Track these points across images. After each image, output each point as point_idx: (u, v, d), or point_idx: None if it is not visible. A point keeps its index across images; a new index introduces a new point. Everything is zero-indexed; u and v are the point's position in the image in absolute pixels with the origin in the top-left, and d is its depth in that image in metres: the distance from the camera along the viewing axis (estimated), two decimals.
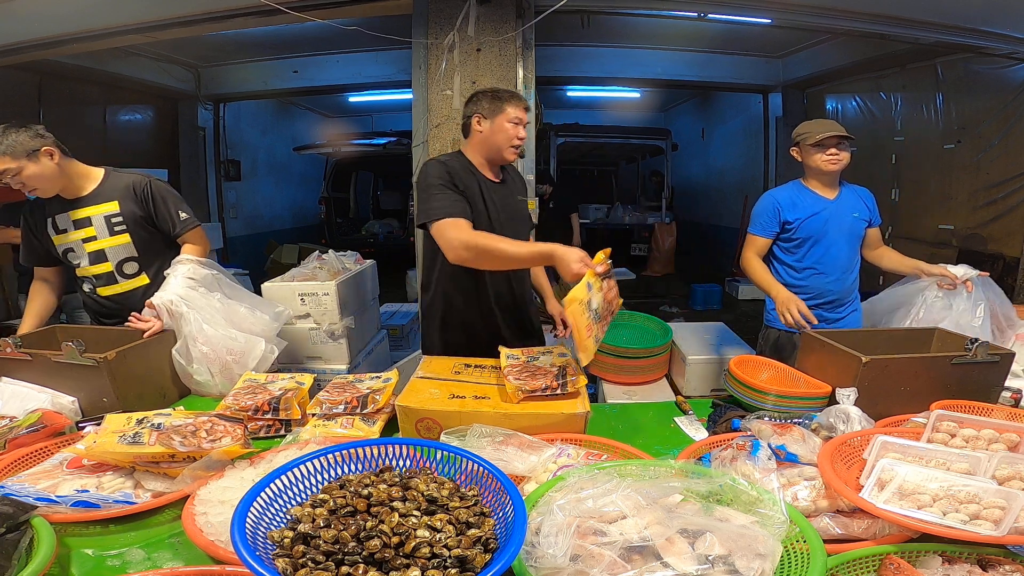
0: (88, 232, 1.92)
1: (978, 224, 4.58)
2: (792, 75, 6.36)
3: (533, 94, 2.82)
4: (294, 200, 9.41)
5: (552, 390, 1.35)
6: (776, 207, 2.12)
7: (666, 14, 3.81)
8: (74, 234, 1.92)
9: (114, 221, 1.93)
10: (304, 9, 2.85)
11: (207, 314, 1.79)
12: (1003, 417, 1.32)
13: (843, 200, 2.13)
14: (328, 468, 0.90)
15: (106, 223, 1.92)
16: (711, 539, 0.79)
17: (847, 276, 2.15)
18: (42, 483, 1.10)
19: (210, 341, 1.75)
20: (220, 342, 1.76)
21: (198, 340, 1.74)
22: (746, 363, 1.72)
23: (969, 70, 4.51)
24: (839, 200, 2.12)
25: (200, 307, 1.79)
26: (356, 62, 6.07)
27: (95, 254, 1.94)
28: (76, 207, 1.92)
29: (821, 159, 2.06)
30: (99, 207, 1.92)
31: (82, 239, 1.92)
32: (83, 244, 1.93)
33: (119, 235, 1.93)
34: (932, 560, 0.89)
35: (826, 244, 2.10)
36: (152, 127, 6.47)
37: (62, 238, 1.94)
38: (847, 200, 2.14)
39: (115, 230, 1.93)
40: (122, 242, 1.94)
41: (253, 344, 1.82)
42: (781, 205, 2.12)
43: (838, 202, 2.12)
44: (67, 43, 3.55)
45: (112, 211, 1.93)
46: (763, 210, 2.16)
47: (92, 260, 1.94)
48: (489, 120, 1.80)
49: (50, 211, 1.93)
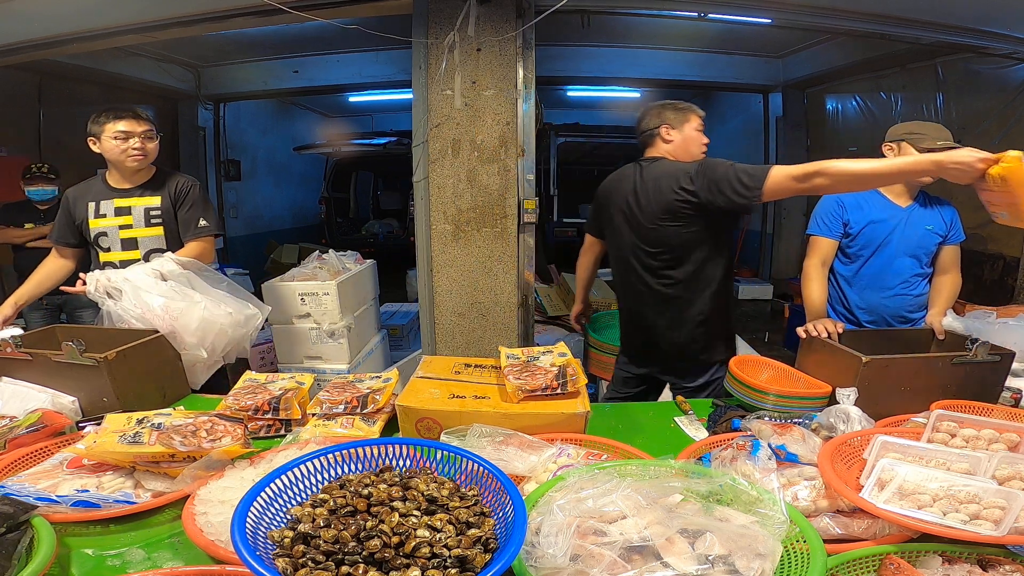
0: (126, 220, 2.03)
1: (978, 224, 4.55)
2: (792, 75, 6.35)
3: (533, 94, 2.82)
4: (294, 200, 9.40)
5: (552, 390, 1.35)
6: (839, 204, 1.98)
7: (666, 14, 3.81)
8: (112, 220, 2.02)
9: (152, 214, 2.04)
10: (304, 9, 2.85)
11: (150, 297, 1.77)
12: (1003, 417, 1.32)
13: (917, 210, 1.96)
14: (328, 468, 0.90)
15: (144, 214, 2.03)
16: (711, 539, 0.79)
17: (908, 291, 1.99)
18: (42, 483, 1.10)
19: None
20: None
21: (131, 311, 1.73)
22: (746, 363, 1.72)
23: (969, 70, 4.51)
24: (912, 210, 1.96)
25: (130, 293, 1.76)
26: (356, 62, 6.07)
27: (128, 241, 2.03)
28: (122, 196, 2.03)
29: None
30: (144, 199, 2.04)
31: (119, 226, 2.03)
32: (119, 231, 2.03)
33: (154, 227, 2.04)
34: (932, 560, 0.89)
35: (887, 256, 1.96)
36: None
37: (99, 222, 2.03)
38: (921, 211, 1.96)
39: (152, 222, 2.04)
40: (155, 234, 2.04)
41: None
42: (845, 204, 1.98)
43: (910, 211, 1.95)
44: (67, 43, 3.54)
45: (154, 205, 2.04)
46: (824, 207, 2.01)
47: (124, 247, 2.03)
48: (678, 130, 1.89)
49: (95, 195, 2.05)
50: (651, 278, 1.89)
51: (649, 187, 1.83)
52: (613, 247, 2.05)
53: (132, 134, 1.96)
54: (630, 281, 1.96)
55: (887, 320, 2.03)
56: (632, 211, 1.89)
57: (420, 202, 2.91)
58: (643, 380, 2.07)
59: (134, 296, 1.73)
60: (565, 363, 1.50)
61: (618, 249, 2.00)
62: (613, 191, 1.99)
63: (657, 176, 1.83)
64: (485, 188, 2.82)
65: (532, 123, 2.82)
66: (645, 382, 2.07)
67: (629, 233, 1.92)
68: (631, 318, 2.04)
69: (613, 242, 2.04)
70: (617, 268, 2.04)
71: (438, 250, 2.87)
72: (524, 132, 2.80)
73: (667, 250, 1.84)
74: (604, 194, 2.05)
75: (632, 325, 2.05)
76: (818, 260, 2.00)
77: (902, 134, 1.95)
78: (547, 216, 7.97)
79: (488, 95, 2.75)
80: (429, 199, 2.84)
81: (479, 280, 2.88)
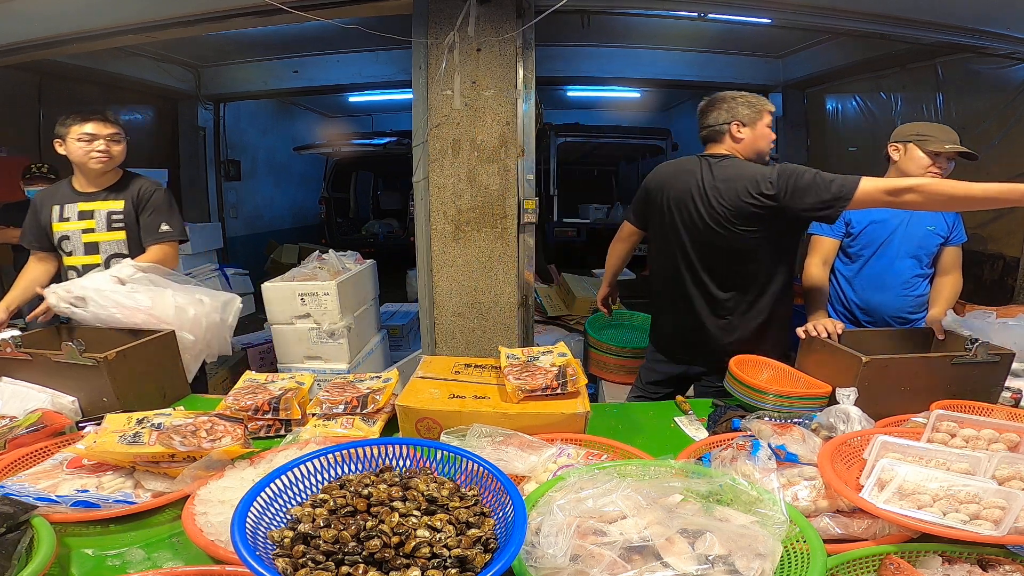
0: (89, 224, 2.02)
1: (978, 224, 4.57)
2: (792, 75, 6.35)
3: (533, 94, 2.82)
4: (294, 200, 9.40)
5: (552, 390, 1.35)
6: None
7: (666, 14, 3.81)
8: (75, 224, 2.02)
9: (115, 217, 2.02)
10: (304, 9, 2.85)
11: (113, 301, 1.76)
12: (1003, 417, 1.31)
13: (919, 211, 1.95)
14: (328, 468, 0.90)
15: (107, 218, 2.02)
16: (711, 539, 0.79)
17: (909, 292, 1.99)
18: (42, 483, 1.10)
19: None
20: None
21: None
22: (746, 363, 1.72)
23: (969, 70, 4.51)
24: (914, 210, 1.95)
25: (95, 299, 1.75)
26: (356, 62, 6.07)
27: (90, 245, 2.02)
28: (86, 199, 2.03)
29: (927, 169, 1.86)
30: (106, 203, 2.03)
31: (81, 230, 2.02)
32: (81, 235, 2.02)
33: (116, 231, 2.03)
34: (932, 560, 0.89)
35: (889, 256, 1.96)
36: (152, 127, 6.47)
37: (63, 226, 2.03)
38: (924, 212, 1.96)
39: (114, 226, 2.02)
40: (117, 238, 2.03)
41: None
42: None
43: (912, 212, 1.95)
44: (67, 43, 3.54)
45: (116, 209, 2.03)
46: None
47: (86, 251, 2.02)
48: (750, 127, 1.82)
49: (60, 198, 2.04)
50: (708, 278, 1.83)
51: (720, 187, 1.75)
52: (660, 241, 1.96)
53: (97, 136, 1.95)
54: (679, 278, 1.89)
55: (887, 320, 2.02)
56: (694, 209, 1.81)
57: (420, 202, 2.91)
58: (676, 381, 2.01)
59: (100, 299, 1.72)
60: (565, 363, 1.50)
61: (666, 244, 1.91)
62: (669, 184, 1.90)
63: (730, 177, 1.75)
64: (485, 188, 2.82)
65: (532, 123, 2.82)
66: (675, 383, 2.01)
67: (686, 231, 1.85)
68: (675, 316, 1.95)
69: (661, 236, 1.95)
70: (662, 263, 1.96)
71: (438, 250, 2.87)
72: (524, 132, 2.80)
73: (731, 252, 1.78)
74: (657, 185, 1.95)
75: (674, 322, 1.97)
76: (819, 259, 1.99)
77: (909, 135, 1.93)
78: (547, 216, 7.97)
79: (488, 95, 2.75)
80: (429, 199, 2.84)
81: (479, 280, 2.88)
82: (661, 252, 1.96)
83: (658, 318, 2.05)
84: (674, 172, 1.91)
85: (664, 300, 2.00)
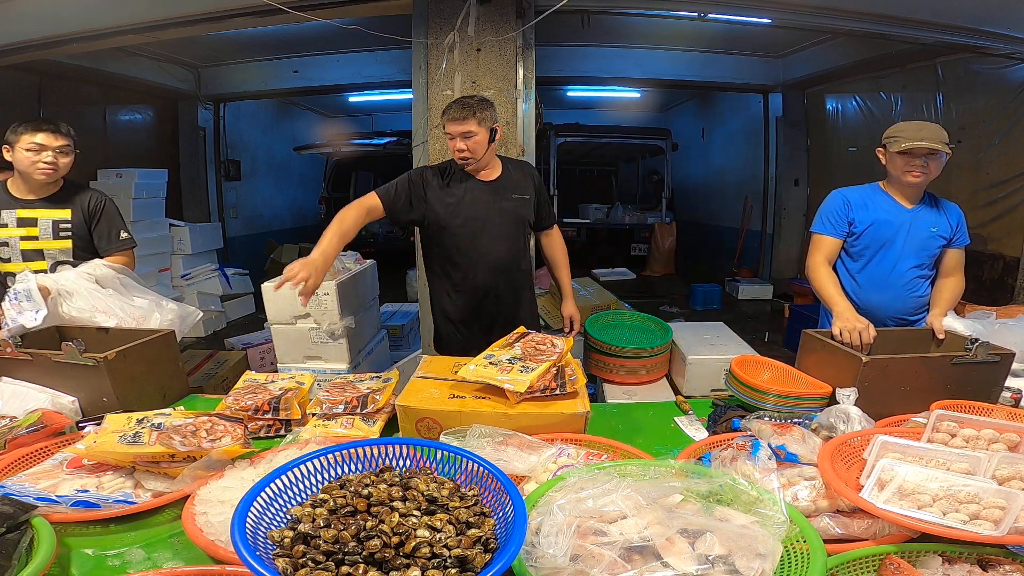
0: (30, 231, 2.01)
1: (978, 224, 4.57)
2: (792, 75, 6.36)
3: (533, 94, 2.82)
4: (294, 200, 9.40)
5: (551, 390, 1.35)
6: (845, 203, 1.95)
7: (666, 14, 3.82)
8: (14, 230, 2.01)
9: (62, 227, 2.04)
10: (304, 9, 2.86)
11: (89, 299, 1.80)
12: (1003, 417, 1.31)
13: (922, 212, 1.94)
14: (328, 468, 0.90)
15: (53, 227, 2.03)
16: (711, 539, 0.79)
17: (910, 293, 1.97)
18: (42, 483, 1.10)
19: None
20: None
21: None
22: (747, 363, 1.72)
23: (969, 70, 4.51)
24: (917, 211, 1.93)
25: (83, 293, 1.79)
26: (356, 62, 6.07)
27: (31, 252, 2.02)
28: (26, 207, 2.02)
29: (903, 170, 1.85)
30: (51, 211, 2.03)
31: (20, 236, 2.01)
32: (20, 241, 2.01)
33: (63, 240, 2.04)
34: (932, 560, 0.89)
35: (891, 257, 1.94)
36: (152, 127, 6.47)
37: (0, 231, 2.01)
38: (927, 213, 1.94)
39: (61, 234, 2.04)
40: (64, 246, 2.05)
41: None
42: (851, 202, 1.95)
43: (915, 213, 1.93)
44: (67, 43, 3.55)
45: (64, 218, 2.04)
46: (830, 206, 1.98)
47: (25, 258, 2.02)
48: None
49: None
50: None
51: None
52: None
53: (46, 148, 1.94)
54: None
55: (887, 321, 2.02)
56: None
57: None
58: None
59: (88, 295, 1.76)
60: (565, 363, 1.50)
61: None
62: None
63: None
64: None
65: (532, 123, 2.83)
66: None
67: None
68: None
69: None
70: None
71: None
72: (524, 132, 2.80)
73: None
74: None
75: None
76: (822, 258, 1.97)
77: (885, 137, 1.93)
78: None
79: (488, 95, 2.75)
80: None
81: None
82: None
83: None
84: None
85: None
